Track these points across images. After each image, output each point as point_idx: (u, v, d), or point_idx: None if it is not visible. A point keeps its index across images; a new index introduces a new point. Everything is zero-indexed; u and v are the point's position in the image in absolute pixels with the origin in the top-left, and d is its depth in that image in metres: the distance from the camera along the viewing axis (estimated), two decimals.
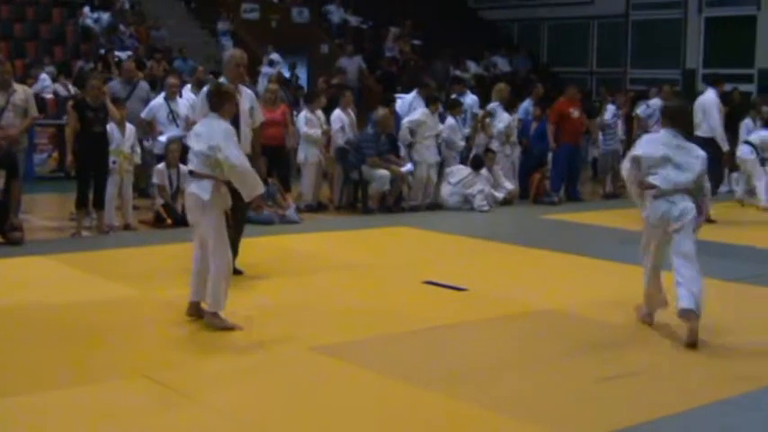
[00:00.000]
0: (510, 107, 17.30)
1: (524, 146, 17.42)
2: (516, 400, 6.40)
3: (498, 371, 7.06)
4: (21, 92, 12.43)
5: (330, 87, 19.66)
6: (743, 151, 17.20)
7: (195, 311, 8.06)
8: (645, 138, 8.48)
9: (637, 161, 8.07)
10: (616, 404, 6.35)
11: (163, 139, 14.09)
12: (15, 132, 12.09)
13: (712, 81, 15.71)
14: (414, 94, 16.78)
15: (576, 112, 17.30)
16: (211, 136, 7.83)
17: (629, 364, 7.20)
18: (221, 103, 8.08)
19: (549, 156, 17.27)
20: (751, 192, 17.14)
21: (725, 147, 15.03)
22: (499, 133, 16.84)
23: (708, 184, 8.56)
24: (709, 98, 14.90)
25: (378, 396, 6.42)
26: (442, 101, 16.81)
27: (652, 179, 7.97)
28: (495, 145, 16.74)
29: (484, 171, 15.93)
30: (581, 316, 8.65)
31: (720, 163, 15.33)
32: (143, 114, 14.49)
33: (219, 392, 6.44)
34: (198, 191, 7.82)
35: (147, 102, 14.98)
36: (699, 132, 14.50)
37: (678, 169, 7.98)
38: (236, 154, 7.85)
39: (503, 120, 16.93)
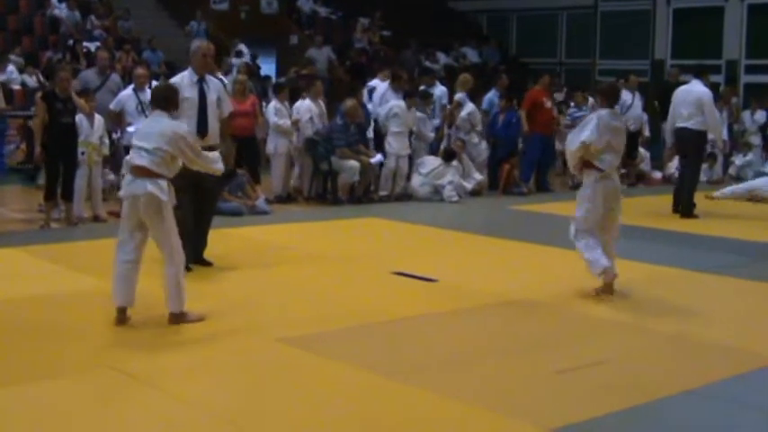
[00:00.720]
0: (474, 97, 17.37)
1: (492, 140, 17.47)
2: (484, 390, 6.43)
3: (467, 361, 7.09)
4: None
5: (300, 78, 19.63)
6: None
7: (125, 318, 7.81)
8: (592, 120, 9.04)
9: (586, 147, 8.93)
10: (583, 394, 6.39)
11: (132, 129, 14.04)
12: None
13: (698, 72, 15.06)
14: (386, 85, 16.72)
15: (548, 102, 17.39)
16: (163, 133, 7.68)
17: (596, 354, 7.25)
18: (169, 101, 7.98)
19: (520, 145, 17.35)
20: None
21: (721, 143, 15.01)
22: (463, 122, 16.90)
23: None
24: (703, 91, 14.46)
25: (344, 387, 6.44)
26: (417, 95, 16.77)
27: (598, 163, 8.97)
28: (460, 134, 16.83)
29: (454, 162, 15.97)
30: (549, 306, 8.71)
31: (702, 155, 15.40)
32: (111, 106, 14.41)
33: (187, 383, 6.45)
34: (156, 191, 7.58)
35: (117, 94, 14.92)
36: (689, 124, 14.36)
37: (615, 153, 9.07)
38: (197, 149, 7.94)
39: (466, 108, 17.00)
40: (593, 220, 9.04)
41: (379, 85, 17.00)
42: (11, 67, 20.32)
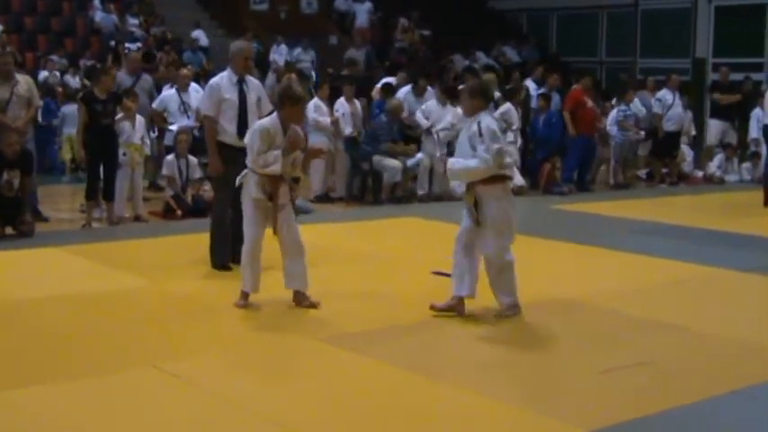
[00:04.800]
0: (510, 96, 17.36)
1: (533, 141, 17.57)
2: (525, 390, 6.42)
3: (507, 361, 7.07)
4: (23, 83, 12.47)
5: (335, 79, 19.59)
6: None
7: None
8: (495, 127, 7.97)
9: (502, 154, 7.95)
10: (626, 395, 6.34)
11: (174, 128, 14.10)
12: (22, 124, 12.13)
13: None
14: (408, 88, 16.75)
15: (589, 102, 17.30)
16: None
17: (640, 355, 7.18)
18: (282, 103, 8.20)
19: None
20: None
21: None
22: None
23: None
24: None
25: (385, 386, 6.44)
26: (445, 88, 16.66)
27: (507, 172, 8.23)
28: None
29: None
30: (590, 306, 8.65)
31: None
32: (154, 105, 14.51)
33: (229, 383, 6.45)
34: (239, 178, 8.32)
35: (151, 94, 15.02)
36: None
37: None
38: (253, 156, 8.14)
39: (501, 108, 16.93)
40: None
41: (401, 88, 16.97)
42: (56, 73, 20.49)
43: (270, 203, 8.19)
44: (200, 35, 24.64)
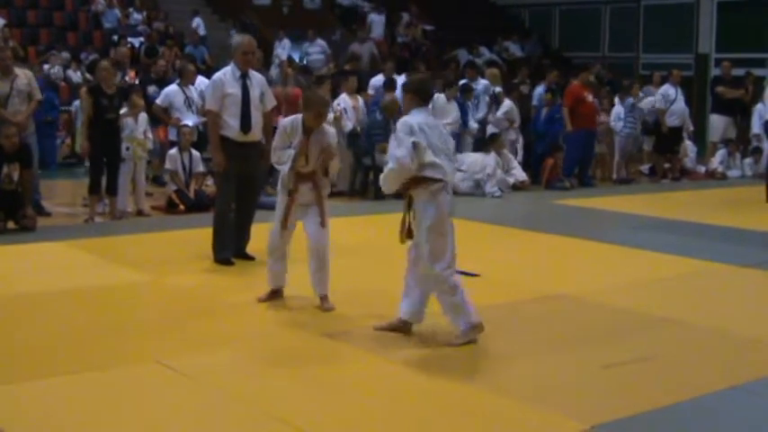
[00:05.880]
0: (511, 92, 17.36)
1: (533, 136, 17.60)
2: (527, 385, 6.42)
3: (509, 356, 7.07)
4: (23, 77, 12.46)
5: (336, 74, 19.58)
6: None
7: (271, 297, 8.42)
8: (413, 121, 7.19)
9: (419, 148, 7.03)
10: (628, 390, 6.35)
11: (190, 123, 14.03)
12: (23, 119, 12.13)
13: None
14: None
15: (589, 97, 17.29)
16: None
17: (642, 350, 7.19)
18: (303, 106, 8.33)
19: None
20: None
21: None
22: (498, 120, 16.86)
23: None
24: None
25: (391, 383, 6.45)
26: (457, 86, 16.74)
27: (433, 173, 7.11)
28: (495, 131, 16.78)
29: (493, 154, 15.86)
30: (592, 301, 8.65)
31: None
32: (158, 101, 14.49)
33: (232, 378, 6.44)
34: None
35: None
36: None
37: (448, 157, 7.27)
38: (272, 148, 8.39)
39: (503, 106, 16.96)
40: (442, 252, 7.33)
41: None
42: (57, 68, 20.49)
43: (286, 198, 8.17)
44: (199, 23, 24.66)
